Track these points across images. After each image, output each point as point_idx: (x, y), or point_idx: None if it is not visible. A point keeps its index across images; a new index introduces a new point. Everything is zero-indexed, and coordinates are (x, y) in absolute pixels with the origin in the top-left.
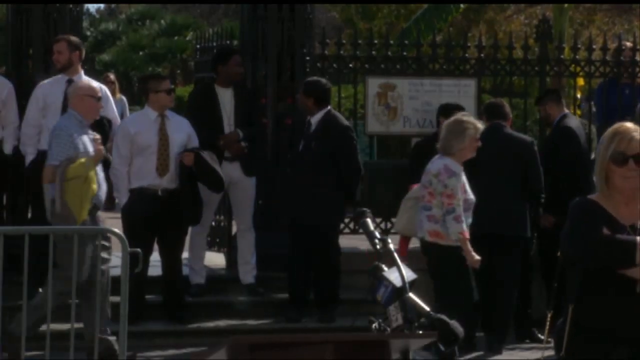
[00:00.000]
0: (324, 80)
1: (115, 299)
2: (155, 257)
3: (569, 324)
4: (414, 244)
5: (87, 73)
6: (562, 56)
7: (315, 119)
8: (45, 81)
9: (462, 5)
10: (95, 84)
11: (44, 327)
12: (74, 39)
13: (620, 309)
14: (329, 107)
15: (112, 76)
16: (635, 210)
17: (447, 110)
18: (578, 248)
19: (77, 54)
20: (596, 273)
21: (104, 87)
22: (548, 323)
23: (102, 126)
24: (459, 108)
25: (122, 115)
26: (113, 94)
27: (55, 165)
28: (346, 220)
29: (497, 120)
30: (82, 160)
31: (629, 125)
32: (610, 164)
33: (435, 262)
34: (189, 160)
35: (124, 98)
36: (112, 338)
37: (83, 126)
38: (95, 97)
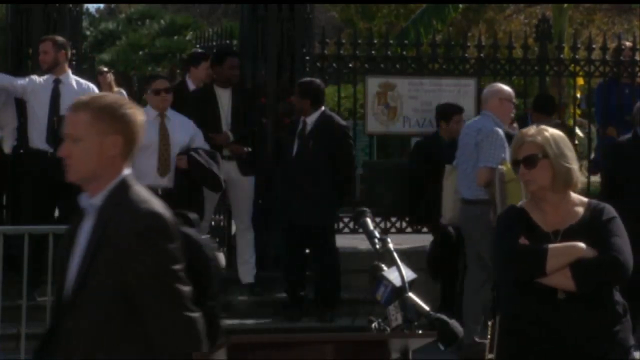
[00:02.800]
0: (318, 80)
1: None
2: None
3: (498, 330)
4: (414, 244)
5: (86, 73)
6: (561, 56)
7: (311, 119)
8: (34, 77)
9: (461, 5)
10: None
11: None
12: (59, 38)
13: (544, 316)
14: (324, 107)
15: (105, 68)
16: (560, 215)
17: (445, 111)
18: (497, 258)
19: (63, 54)
20: (520, 281)
21: (92, 85)
22: (490, 329)
23: None
24: (458, 108)
25: None
26: (110, 86)
27: (492, 167)
28: (346, 220)
29: None
30: None
31: (525, 130)
32: None
33: None
34: (182, 164)
35: (122, 91)
36: None
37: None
38: (512, 102)
